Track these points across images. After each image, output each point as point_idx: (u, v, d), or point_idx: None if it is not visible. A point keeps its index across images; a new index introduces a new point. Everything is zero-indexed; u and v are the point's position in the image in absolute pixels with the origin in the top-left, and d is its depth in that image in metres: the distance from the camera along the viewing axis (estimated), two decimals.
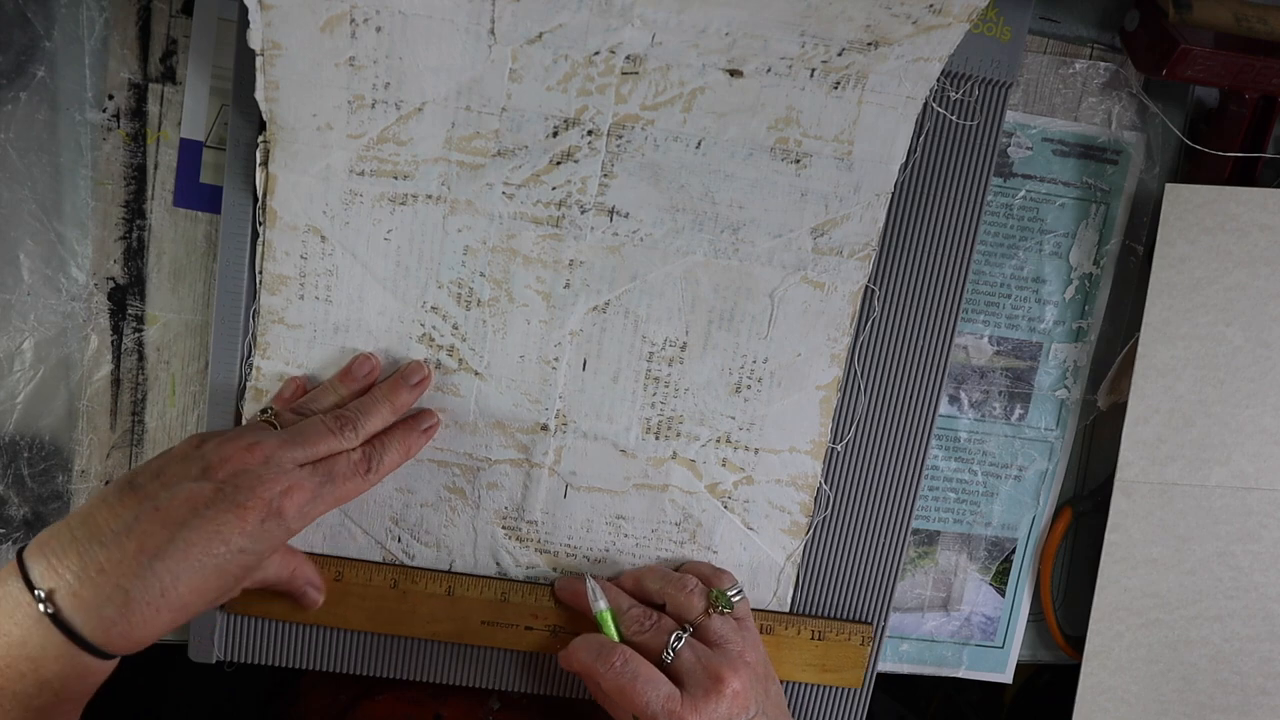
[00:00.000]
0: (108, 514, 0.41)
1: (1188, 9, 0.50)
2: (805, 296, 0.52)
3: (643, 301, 0.51)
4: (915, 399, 0.54)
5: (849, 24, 0.47)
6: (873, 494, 0.55)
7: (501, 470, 0.53)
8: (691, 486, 0.54)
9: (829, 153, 0.50)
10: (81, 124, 0.50)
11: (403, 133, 0.48)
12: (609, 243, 0.50)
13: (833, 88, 0.48)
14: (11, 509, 0.53)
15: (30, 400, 0.52)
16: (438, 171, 0.49)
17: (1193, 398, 0.56)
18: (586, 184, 0.49)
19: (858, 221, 0.51)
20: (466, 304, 0.51)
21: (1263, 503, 0.57)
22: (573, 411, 0.52)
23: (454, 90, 0.48)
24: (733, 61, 0.48)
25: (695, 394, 0.53)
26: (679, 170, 0.50)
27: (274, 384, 0.51)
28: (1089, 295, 0.57)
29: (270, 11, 0.45)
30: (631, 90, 0.48)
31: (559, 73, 0.48)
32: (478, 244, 0.50)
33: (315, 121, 0.47)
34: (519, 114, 0.48)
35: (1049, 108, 0.55)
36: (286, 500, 0.43)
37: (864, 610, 0.56)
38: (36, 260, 0.51)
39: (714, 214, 0.50)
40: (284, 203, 0.49)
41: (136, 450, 0.53)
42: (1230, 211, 0.54)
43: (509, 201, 0.49)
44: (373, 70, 0.47)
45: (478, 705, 0.58)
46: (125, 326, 0.52)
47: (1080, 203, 0.56)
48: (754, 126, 0.49)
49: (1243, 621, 0.58)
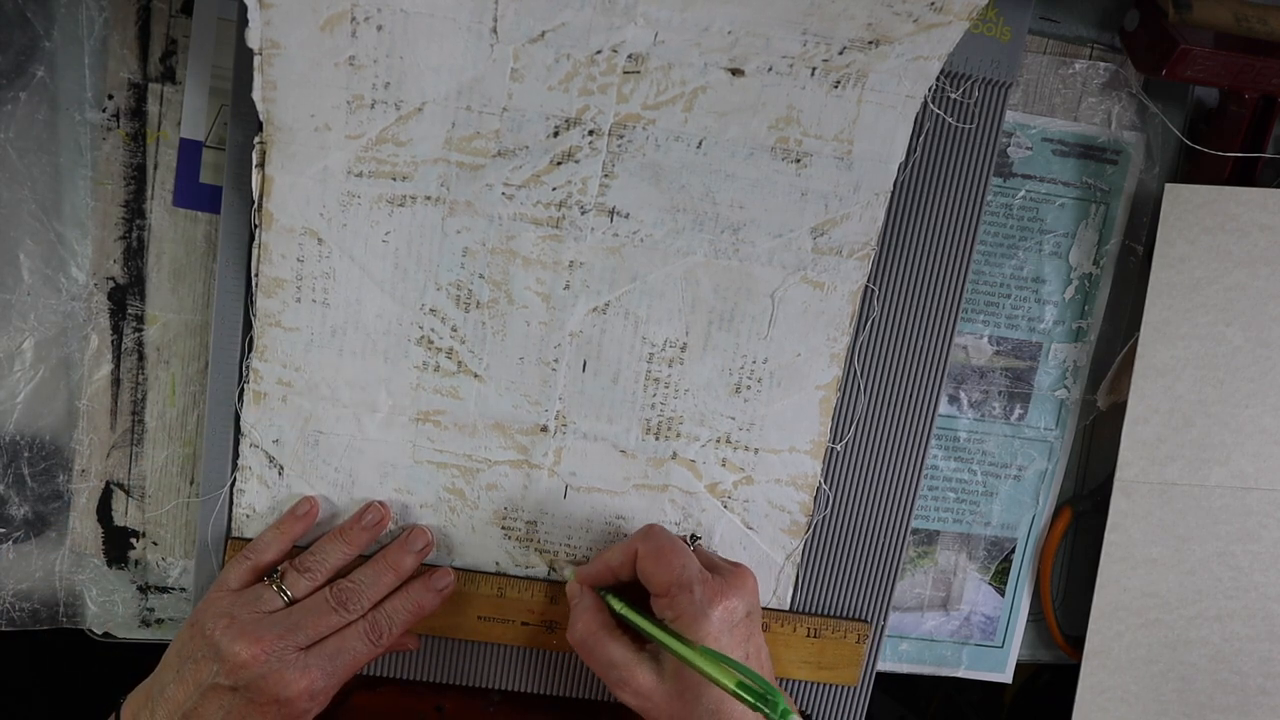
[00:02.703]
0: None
1: (1188, 9, 0.50)
2: (805, 296, 0.52)
3: (643, 302, 0.51)
4: (915, 399, 0.54)
5: (851, 22, 0.47)
6: (873, 494, 0.55)
7: (501, 471, 0.53)
8: (691, 486, 0.54)
9: (829, 152, 0.50)
10: (81, 124, 0.50)
11: (402, 133, 0.48)
12: (609, 243, 0.50)
13: (833, 87, 0.48)
14: (12, 508, 0.53)
15: (30, 400, 0.52)
16: (437, 172, 0.49)
17: (1192, 398, 0.56)
18: (587, 184, 0.49)
19: (857, 221, 0.51)
20: (465, 306, 0.51)
21: (1262, 503, 0.57)
22: (572, 413, 0.52)
23: (454, 90, 0.47)
24: (734, 60, 0.48)
25: (695, 394, 0.53)
26: (680, 170, 0.49)
27: (273, 386, 0.51)
28: (1089, 295, 0.57)
29: (270, 10, 0.45)
30: (633, 90, 0.48)
31: (561, 72, 0.47)
32: (477, 245, 0.50)
33: (313, 122, 0.47)
34: (520, 114, 0.48)
35: (1049, 108, 0.55)
36: (296, 692, 0.46)
37: (864, 609, 0.56)
38: (36, 260, 0.51)
39: (714, 214, 0.50)
40: (280, 205, 0.48)
41: (136, 450, 0.53)
42: (1230, 211, 0.54)
43: (509, 202, 0.49)
44: (373, 70, 0.46)
45: (478, 697, 0.58)
46: (125, 326, 0.52)
47: (1080, 203, 0.56)
48: (755, 126, 0.49)
49: (1242, 621, 0.58)
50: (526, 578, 0.54)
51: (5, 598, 0.54)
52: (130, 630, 0.56)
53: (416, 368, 0.51)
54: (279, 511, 0.52)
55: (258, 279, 0.49)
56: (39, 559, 0.54)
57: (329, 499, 0.52)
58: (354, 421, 0.51)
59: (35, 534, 0.54)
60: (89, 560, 0.54)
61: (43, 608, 0.55)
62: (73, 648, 0.59)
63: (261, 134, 0.47)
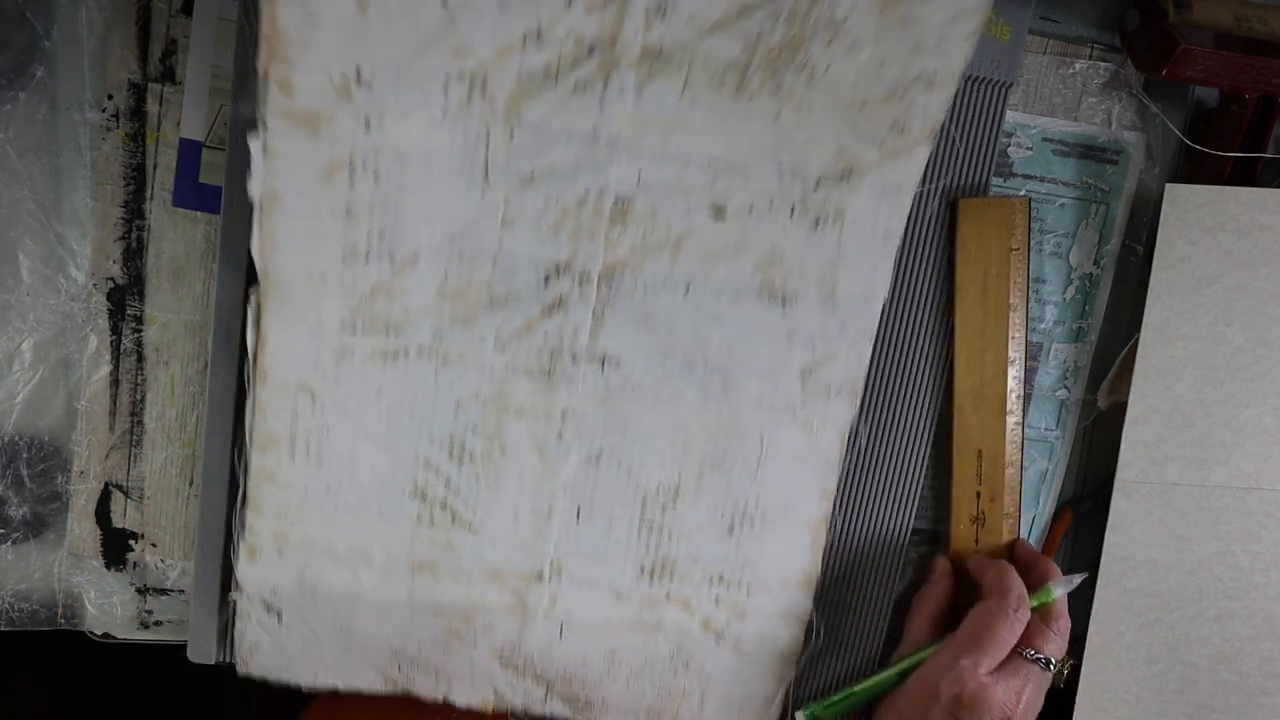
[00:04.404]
0: None
1: (1188, 9, 0.50)
2: (795, 436, 0.52)
3: (635, 449, 0.51)
4: (915, 399, 0.54)
5: (821, 149, 0.47)
6: (873, 494, 0.55)
7: (497, 616, 0.53)
8: (685, 624, 0.54)
9: (813, 293, 0.49)
10: (81, 124, 0.50)
11: (396, 285, 0.47)
12: (601, 392, 0.50)
13: (813, 227, 0.48)
14: (11, 509, 0.53)
15: (29, 400, 0.52)
16: (430, 324, 0.48)
17: (1193, 398, 0.56)
18: (578, 332, 0.49)
19: (844, 361, 0.51)
20: (459, 459, 0.50)
21: (1262, 503, 0.57)
22: (567, 560, 0.52)
23: (447, 238, 0.47)
24: (716, 200, 0.48)
25: (688, 537, 0.53)
26: (668, 315, 0.49)
27: (267, 541, 0.50)
28: (1089, 295, 0.57)
29: (273, 159, 0.45)
30: (620, 235, 0.48)
31: (550, 218, 0.47)
32: (470, 398, 0.49)
33: (309, 275, 0.47)
34: (511, 261, 0.48)
35: (1049, 108, 0.55)
36: None
37: (865, 610, 0.56)
38: (35, 260, 0.51)
39: (704, 358, 0.50)
40: (274, 360, 0.48)
41: (135, 451, 0.53)
42: (1230, 211, 0.54)
43: (501, 353, 0.49)
44: (368, 220, 0.46)
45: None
46: (124, 327, 0.52)
47: (1080, 203, 0.56)
48: (739, 268, 0.49)
49: (1243, 622, 0.58)
50: (525, 708, 0.55)
51: (4, 598, 0.54)
52: (129, 632, 0.56)
53: (411, 521, 0.51)
54: (283, 651, 0.53)
55: (252, 435, 0.49)
56: (38, 560, 0.54)
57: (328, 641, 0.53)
58: (350, 573, 0.51)
59: (34, 535, 0.54)
60: (87, 562, 0.54)
61: (42, 608, 0.54)
62: (73, 648, 0.59)
63: (257, 287, 0.47)
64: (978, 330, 0.53)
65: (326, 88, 0.44)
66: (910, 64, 0.46)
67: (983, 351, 0.53)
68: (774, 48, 0.45)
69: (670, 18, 0.44)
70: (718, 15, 0.45)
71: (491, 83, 0.45)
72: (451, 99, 0.45)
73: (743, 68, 0.46)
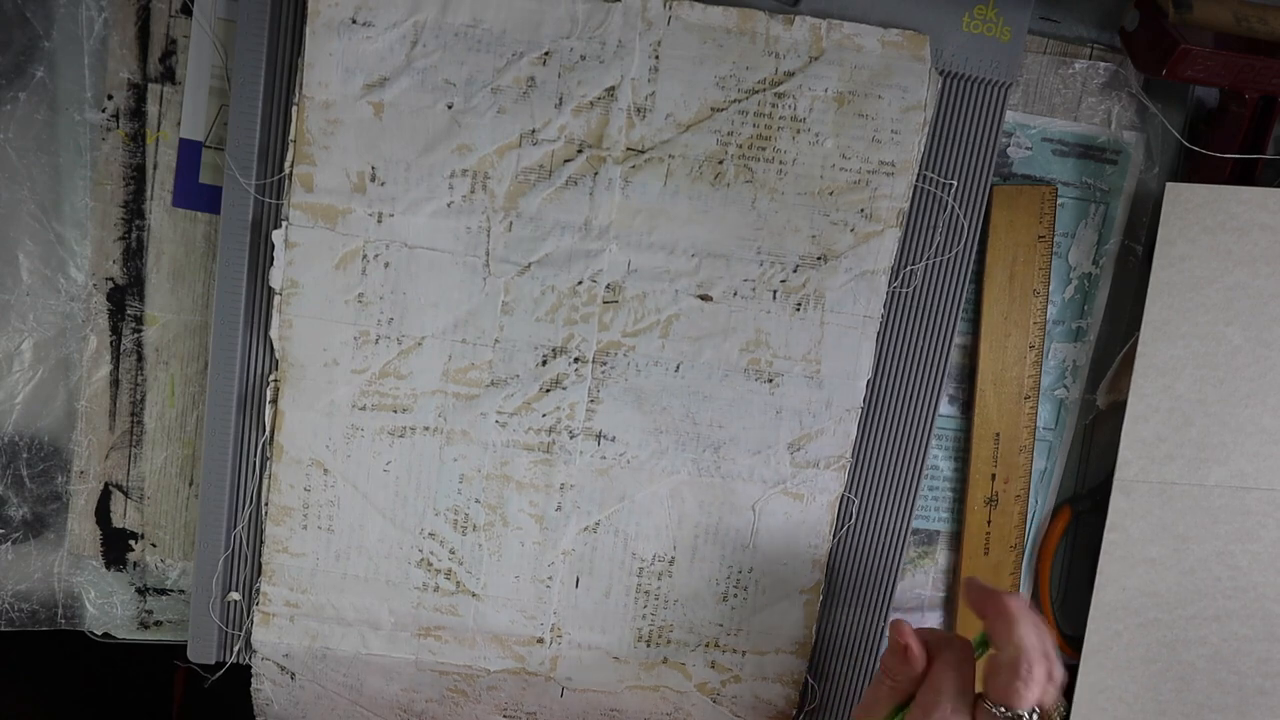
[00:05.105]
0: None
1: (1188, 9, 0.50)
2: (786, 507, 0.54)
3: (631, 520, 0.53)
4: (915, 399, 0.54)
5: (796, 235, 0.51)
6: (873, 494, 0.55)
7: (500, 676, 0.55)
8: (681, 686, 0.56)
9: (799, 372, 0.52)
10: (81, 124, 0.50)
11: (403, 367, 0.50)
12: (597, 465, 0.52)
13: (795, 309, 0.51)
14: (10, 509, 0.53)
15: (29, 401, 0.52)
16: (435, 403, 0.51)
17: (1192, 397, 0.56)
18: (575, 409, 0.52)
19: (831, 435, 0.53)
20: (463, 529, 0.53)
21: (1262, 502, 0.57)
22: (567, 625, 0.54)
23: (451, 324, 0.50)
24: (701, 286, 0.51)
25: (684, 604, 0.55)
26: (660, 393, 0.52)
27: (281, 608, 0.53)
28: (1088, 295, 0.57)
29: (294, 250, 0.48)
30: (613, 318, 0.51)
31: (547, 304, 0.51)
32: (473, 472, 0.52)
33: (324, 357, 0.50)
34: (511, 344, 0.51)
35: (1049, 108, 0.55)
36: None
37: (864, 610, 0.56)
38: (35, 260, 0.51)
39: (695, 434, 0.52)
40: (290, 438, 0.51)
41: (135, 451, 0.53)
42: (1230, 211, 0.54)
43: (502, 430, 0.52)
44: (379, 306, 0.50)
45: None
46: (124, 327, 0.52)
47: (1080, 203, 0.56)
48: (727, 349, 0.52)
49: (1241, 621, 0.58)
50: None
51: (4, 598, 0.54)
52: (129, 632, 0.56)
53: (417, 588, 0.53)
54: (298, 704, 0.55)
55: (267, 508, 0.52)
56: (38, 560, 0.54)
57: (340, 697, 0.56)
58: (359, 638, 0.54)
59: (34, 535, 0.54)
60: (87, 562, 0.54)
61: (41, 609, 0.55)
62: (73, 648, 0.59)
63: (276, 371, 0.50)
64: (1003, 315, 0.55)
65: (344, 184, 0.49)
66: (870, 153, 0.50)
67: (1006, 336, 0.55)
68: (745, 142, 0.50)
69: (650, 118, 0.49)
70: (691, 115, 0.49)
71: (492, 178, 0.49)
72: (456, 193, 0.49)
73: (718, 160, 0.50)
